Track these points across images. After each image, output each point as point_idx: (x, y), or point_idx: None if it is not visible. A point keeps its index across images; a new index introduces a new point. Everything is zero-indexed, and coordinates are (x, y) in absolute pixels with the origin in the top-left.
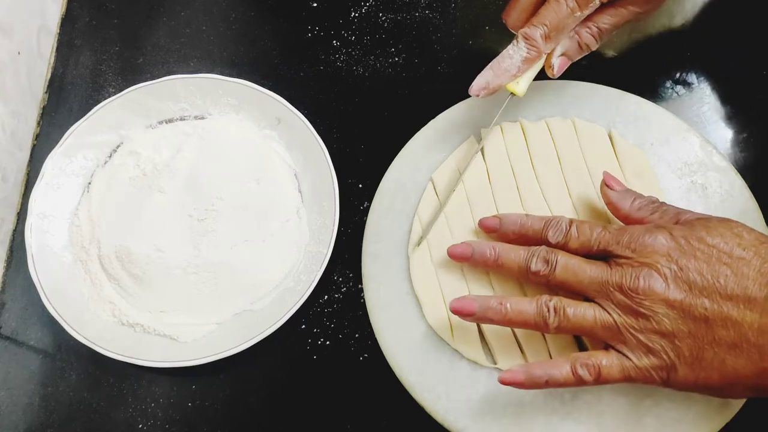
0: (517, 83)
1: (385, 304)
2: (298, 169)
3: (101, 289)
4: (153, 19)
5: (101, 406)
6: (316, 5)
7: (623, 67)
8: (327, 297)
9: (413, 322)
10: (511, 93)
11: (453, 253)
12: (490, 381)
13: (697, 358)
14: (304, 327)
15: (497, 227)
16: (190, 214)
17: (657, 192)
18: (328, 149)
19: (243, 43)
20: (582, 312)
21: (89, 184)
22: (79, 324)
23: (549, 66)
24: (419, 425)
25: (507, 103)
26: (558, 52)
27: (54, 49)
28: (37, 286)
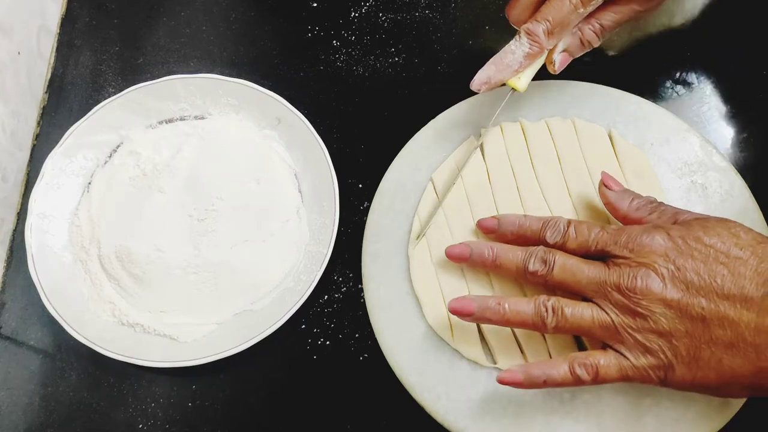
0: (519, 78)
1: (385, 304)
2: (298, 169)
3: (101, 289)
4: (153, 19)
5: (101, 406)
6: (316, 5)
7: (623, 67)
8: (327, 297)
9: (413, 322)
10: (513, 88)
11: (451, 254)
12: (490, 381)
13: (695, 357)
14: (304, 327)
15: (495, 228)
16: (190, 214)
17: (657, 192)
18: (328, 149)
19: (243, 43)
20: (580, 312)
21: (89, 184)
22: (79, 324)
23: (550, 62)
24: (419, 425)
25: (507, 102)
26: (560, 48)
27: (54, 49)
28: (37, 286)
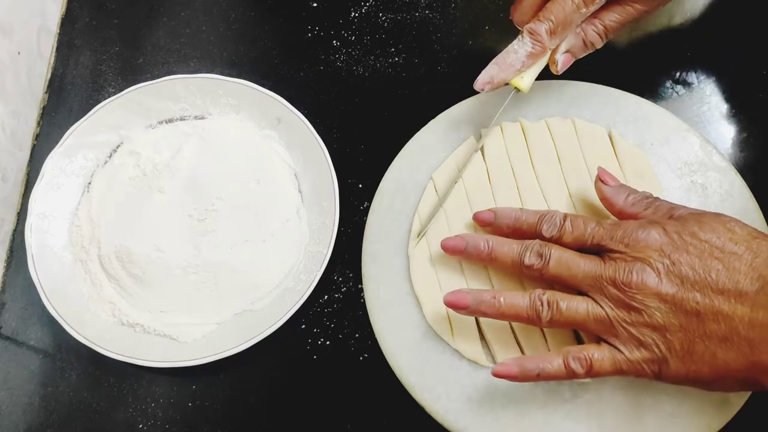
0: (522, 78)
1: (385, 304)
2: (298, 169)
3: (101, 289)
4: (153, 19)
5: (101, 406)
6: (316, 5)
7: (623, 67)
8: (327, 297)
9: (413, 322)
10: (516, 88)
11: (446, 246)
12: (490, 381)
13: (688, 351)
14: (304, 327)
15: (492, 221)
16: (190, 214)
17: (657, 192)
18: (328, 149)
19: (243, 43)
20: (575, 306)
21: (89, 184)
22: (79, 324)
23: (553, 62)
24: (419, 425)
25: (507, 102)
26: (563, 48)
27: (54, 49)
28: (37, 286)
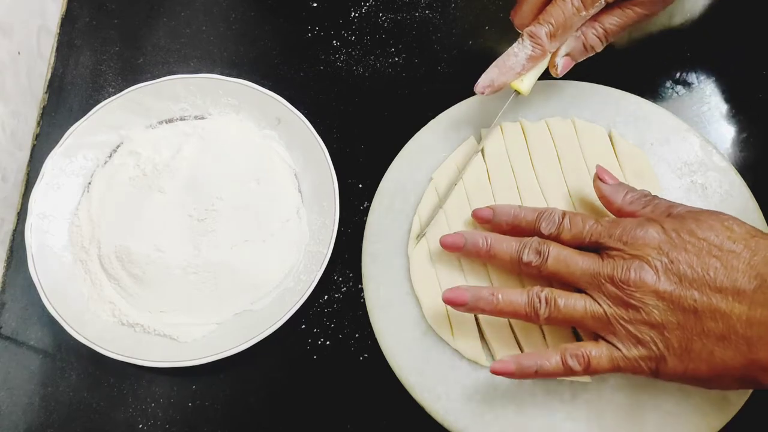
0: (522, 81)
1: (385, 304)
2: (298, 169)
3: (101, 289)
4: (153, 19)
5: (101, 406)
6: (316, 5)
7: (623, 67)
8: (327, 297)
9: (413, 322)
10: (516, 91)
11: (445, 243)
12: (490, 381)
13: (686, 349)
14: (304, 327)
15: (490, 218)
16: (190, 214)
17: (657, 192)
18: (328, 149)
19: (243, 43)
20: (573, 303)
21: (89, 184)
22: (79, 324)
23: (553, 65)
24: (419, 425)
25: (508, 103)
26: (563, 51)
27: (54, 49)
28: (37, 286)
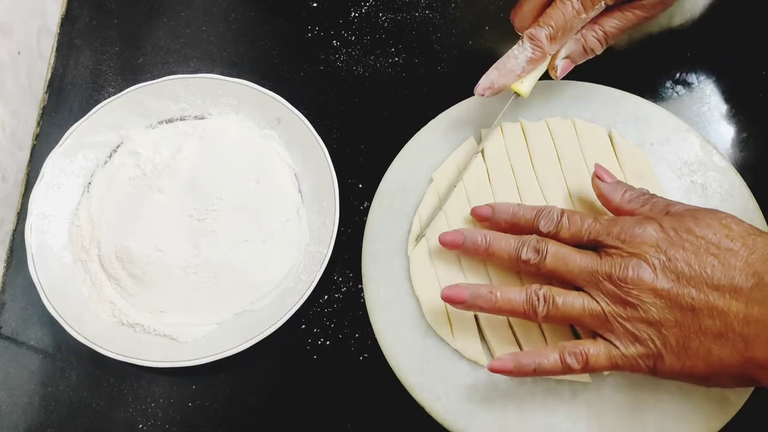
0: (522, 83)
1: (385, 304)
2: (298, 169)
3: (101, 289)
4: (153, 19)
5: (101, 406)
6: (316, 5)
7: (623, 67)
8: (327, 297)
9: (413, 322)
10: (516, 93)
11: (444, 240)
12: (490, 381)
13: (683, 347)
14: (304, 327)
15: (489, 215)
16: (190, 214)
17: (657, 192)
18: (328, 149)
19: (243, 43)
20: (571, 301)
21: (89, 184)
22: (79, 324)
23: (552, 68)
24: (419, 425)
25: (508, 105)
26: (562, 54)
27: (54, 49)
28: (37, 286)
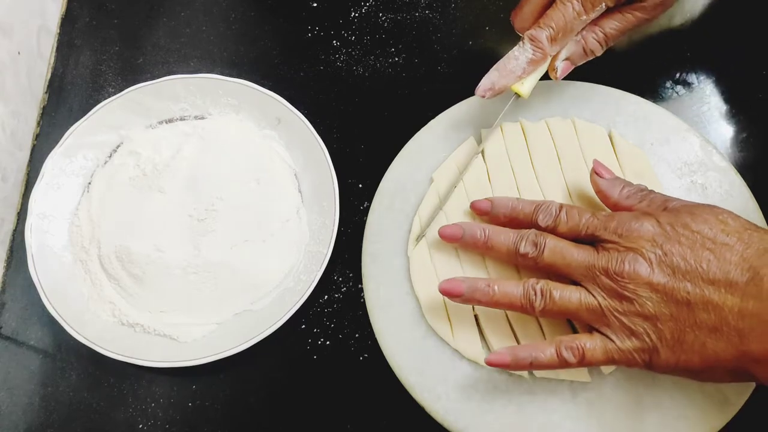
0: (522, 84)
1: (385, 304)
2: (298, 169)
3: (101, 289)
4: (153, 19)
5: (101, 406)
6: (316, 5)
7: (623, 67)
8: (327, 297)
9: (413, 322)
10: (516, 94)
11: (443, 234)
12: (490, 381)
13: (679, 340)
14: (304, 327)
15: (489, 209)
16: (190, 214)
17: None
18: (328, 149)
19: (243, 43)
20: (568, 295)
21: (89, 184)
22: (79, 324)
23: (552, 69)
24: (419, 425)
25: (508, 106)
26: (563, 55)
27: (54, 49)
28: (37, 286)
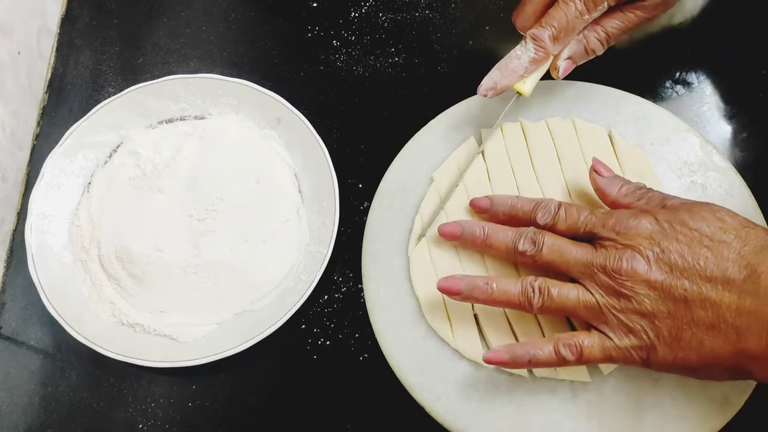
0: (524, 83)
1: (385, 304)
2: (298, 169)
3: (101, 289)
4: (153, 19)
5: (101, 406)
6: (316, 5)
7: (623, 67)
8: (327, 297)
9: (413, 322)
10: (518, 93)
11: (443, 232)
12: (490, 381)
13: (676, 338)
14: (304, 327)
15: (488, 207)
16: (190, 214)
17: None
18: (328, 149)
19: (243, 43)
20: (566, 292)
21: (89, 184)
22: (79, 324)
23: (554, 68)
24: (419, 425)
25: (509, 105)
26: (564, 54)
27: (54, 49)
28: (37, 286)
